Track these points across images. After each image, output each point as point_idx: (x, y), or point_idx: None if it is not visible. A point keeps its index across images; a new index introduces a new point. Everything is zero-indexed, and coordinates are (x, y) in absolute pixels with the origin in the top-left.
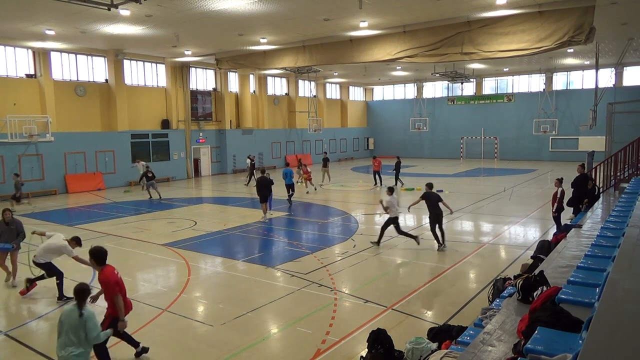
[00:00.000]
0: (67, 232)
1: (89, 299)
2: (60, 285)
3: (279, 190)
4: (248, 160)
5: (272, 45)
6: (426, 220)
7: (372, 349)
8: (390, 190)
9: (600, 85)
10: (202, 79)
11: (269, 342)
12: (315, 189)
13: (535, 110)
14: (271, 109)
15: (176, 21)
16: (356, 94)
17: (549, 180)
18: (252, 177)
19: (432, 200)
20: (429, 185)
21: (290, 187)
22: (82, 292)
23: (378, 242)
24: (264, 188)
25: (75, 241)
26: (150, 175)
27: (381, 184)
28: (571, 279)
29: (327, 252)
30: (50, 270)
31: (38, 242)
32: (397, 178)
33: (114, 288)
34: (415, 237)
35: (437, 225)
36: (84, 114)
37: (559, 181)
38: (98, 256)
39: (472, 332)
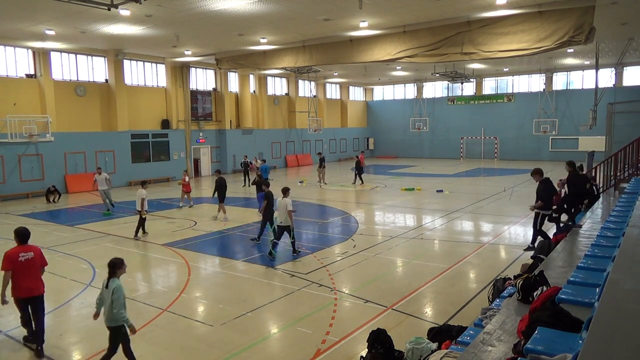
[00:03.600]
0: (67, 232)
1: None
2: (293, 244)
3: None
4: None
5: (272, 45)
6: (426, 220)
7: (372, 349)
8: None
9: (600, 85)
10: (202, 79)
11: (269, 342)
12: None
13: (535, 110)
14: (271, 109)
15: (176, 21)
16: (356, 94)
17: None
18: (247, 177)
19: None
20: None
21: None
22: (111, 265)
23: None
24: (223, 188)
25: (287, 190)
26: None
27: (356, 180)
28: (571, 279)
29: (327, 252)
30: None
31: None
32: (359, 176)
33: (4, 262)
34: None
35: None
36: (84, 114)
37: (561, 182)
38: (18, 236)
39: (472, 332)
